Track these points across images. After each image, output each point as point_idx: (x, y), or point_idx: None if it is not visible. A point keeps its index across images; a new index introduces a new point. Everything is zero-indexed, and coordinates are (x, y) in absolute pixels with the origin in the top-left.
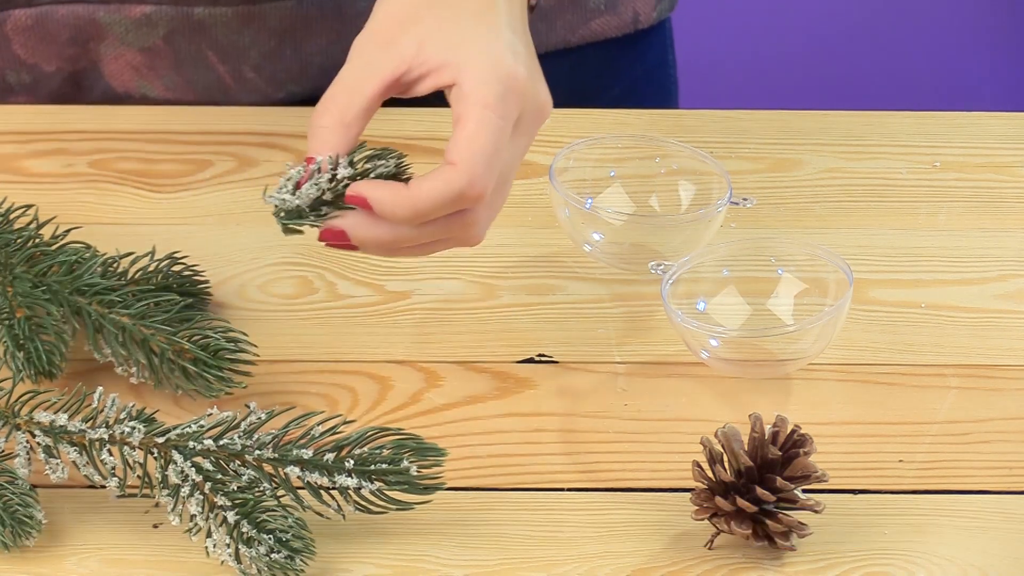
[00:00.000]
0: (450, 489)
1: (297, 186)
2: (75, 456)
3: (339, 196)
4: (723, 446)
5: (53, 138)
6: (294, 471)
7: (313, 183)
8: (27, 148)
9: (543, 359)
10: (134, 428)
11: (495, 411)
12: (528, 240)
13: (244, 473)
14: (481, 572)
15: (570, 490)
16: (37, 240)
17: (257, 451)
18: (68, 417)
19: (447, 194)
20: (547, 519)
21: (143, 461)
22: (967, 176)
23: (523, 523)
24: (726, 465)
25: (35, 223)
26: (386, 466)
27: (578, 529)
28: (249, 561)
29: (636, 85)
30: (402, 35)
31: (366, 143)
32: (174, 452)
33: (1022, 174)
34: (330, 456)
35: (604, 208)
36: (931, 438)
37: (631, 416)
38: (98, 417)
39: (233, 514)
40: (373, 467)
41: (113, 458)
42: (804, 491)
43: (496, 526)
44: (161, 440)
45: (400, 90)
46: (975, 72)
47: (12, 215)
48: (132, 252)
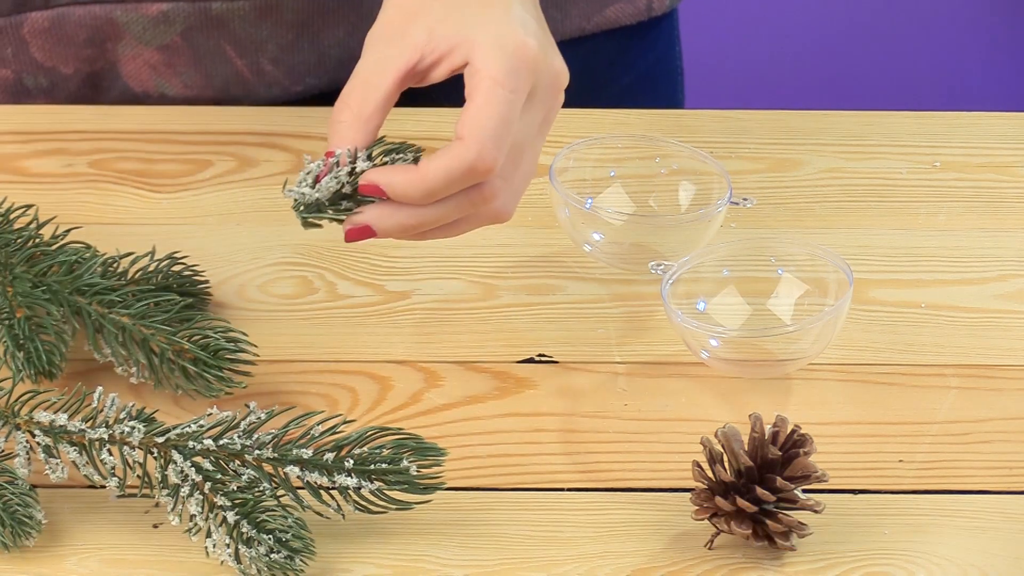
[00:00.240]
0: (450, 489)
1: (316, 180)
2: (75, 456)
3: (358, 190)
4: (723, 446)
5: (53, 138)
6: (294, 471)
7: (332, 176)
8: (27, 148)
9: (543, 359)
10: (134, 428)
11: (495, 411)
12: (528, 240)
13: (244, 473)
14: (481, 572)
15: (570, 490)
16: (37, 240)
17: (257, 451)
18: (68, 417)
19: (457, 169)
20: (547, 519)
21: (143, 461)
22: (967, 176)
23: (523, 523)
24: (726, 465)
25: (35, 223)
26: (386, 466)
27: (578, 529)
28: (249, 561)
29: (646, 75)
30: (412, 25)
31: (385, 138)
32: (174, 452)
33: (1022, 174)
34: (330, 456)
35: (604, 208)
36: (931, 438)
37: (631, 416)
38: (98, 417)
39: (233, 514)
40: (373, 467)
41: (113, 458)
42: (804, 491)
43: (496, 526)
44: (161, 440)
45: (417, 79)
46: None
47: (12, 215)
48: (132, 252)
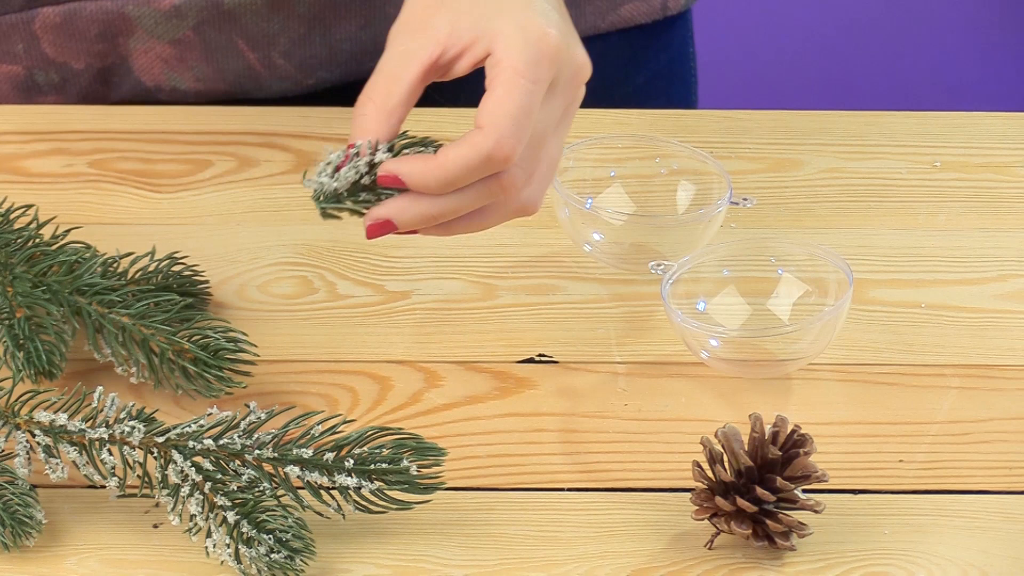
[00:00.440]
0: (450, 489)
1: (336, 170)
2: (75, 456)
3: (377, 181)
4: (723, 446)
5: (53, 138)
6: (294, 471)
7: (352, 166)
8: (27, 148)
9: (543, 359)
10: (134, 428)
11: (495, 411)
12: (528, 240)
13: (244, 473)
14: (481, 572)
15: (570, 490)
16: (37, 240)
17: (257, 451)
18: (68, 417)
19: (474, 157)
20: (547, 519)
21: (143, 461)
22: (967, 176)
23: (523, 523)
24: (726, 465)
25: (35, 223)
26: (386, 466)
27: (578, 529)
28: (249, 561)
29: (660, 75)
30: (435, 18)
31: (407, 132)
32: (174, 452)
33: (1022, 174)
34: (330, 456)
35: (604, 208)
36: (931, 438)
37: (631, 416)
38: (98, 417)
39: (233, 514)
40: (373, 467)
41: (113, 458)
42: (804, 491)
43: (496, 526)
44: (161, 440)
45: (440, 73)
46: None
47: (12, 215)
48: (132, 252)
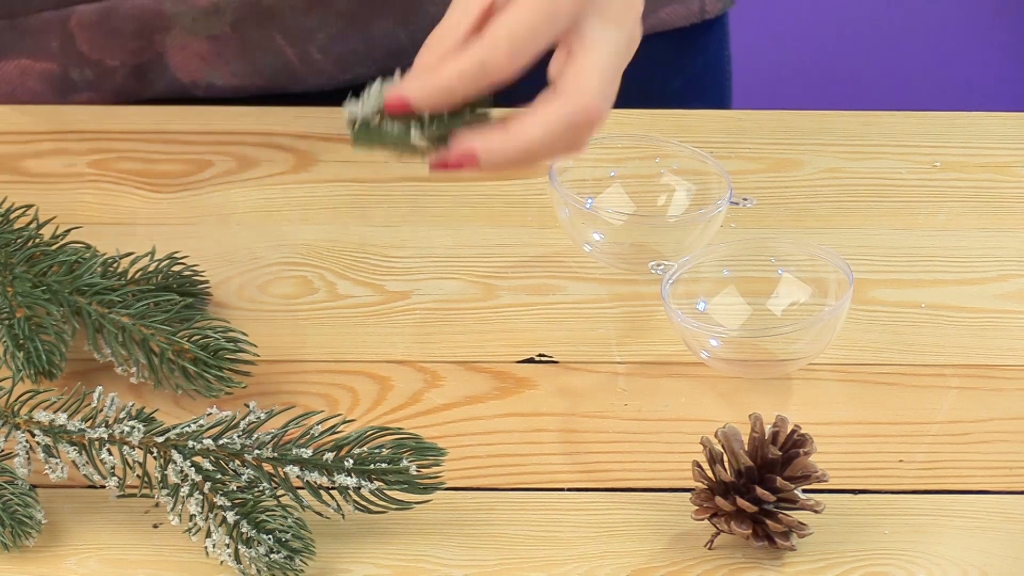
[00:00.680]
0: (450, 489)
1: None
2: (74, 456)
3: (451, 159)
4: (723, 446)
5: (53, 138)
6: (293, 471)
7: (378, 93)
8: (27, 148)
9: (543, 359)
10: (133, 428)
11: (495, 411)
12: (528, 240)
13: (244, 473)
14: (481, 572)
15: (570, 490)
16: (37, 240)
17: (256, 450)
18: (67, 417)
19: (564, 118)
20: (547, 519)
21: (142, 461)
22: (967, 176)
23: (523, 523)
24: (726, 465)
25: (35, 223)
26: (385, 465)
27: (578, 529)
28: (248, 561)
29: (697, 78)
30: None
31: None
32: (173, 452)
33: (1022, 174)
34: (329, 455)
35: (604, 208)
36: (931, 438)
37: (631, 416)
38: (97, 416)
39: (232, 514)
40: (372, 466)
41: (112, 458)
42: (804, 491)
43: (496, 526)
44: (160, 440)
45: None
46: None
47: (12, 215)
48: (132, 252)
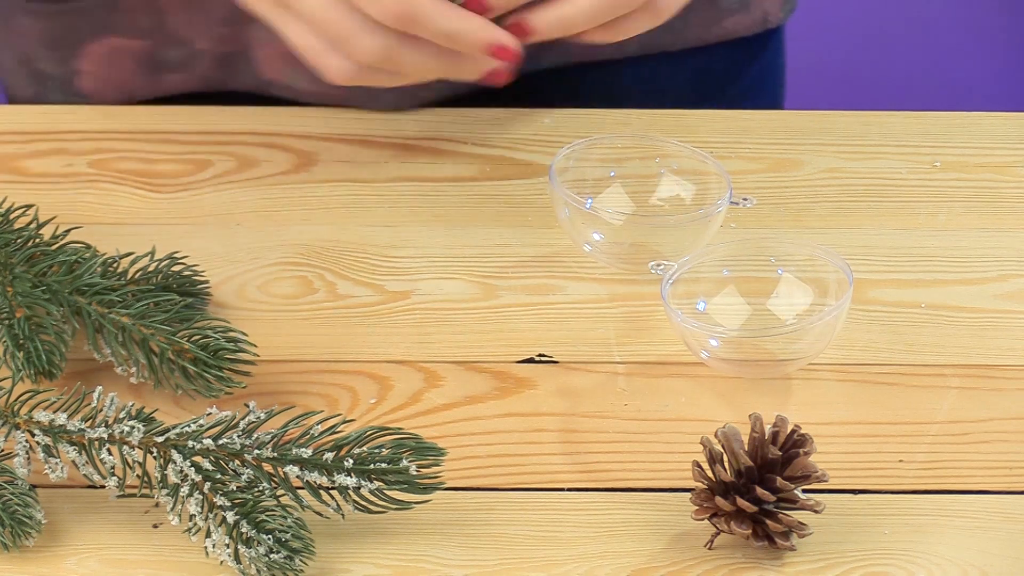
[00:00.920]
0: (450, 489)
1: None
2: (74, 455)
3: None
4: (723, 446)
5: (53, 138)
6: (293, 470)
7: None
8: (27, 148)
9: (543, 359)
10: (133, 427)
11: (495, 411)
12: (528, 240)
13: (243, 473)
14: (481, 572)
15: (570, 490)
16: (37, 240)
17: (256, 450)
18: (67, 416)
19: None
20: (547, 519)
21: (142, 460)
22: (967, 176)
23: (523, 523)
24: (726, 465)
25: (35, 223)
26: (385, 465)
27: (578, 529)
28: (248, 561)
29: (753, 85)
30: None
31: None
32: (173, 451)
33: (1022, 174)
34: (329, 455)
35: (604, 208)
36: (931, 438)
37: (631, 416)
38: (97, 416)
39: (232, 514)
40: (372, 466)
41: (112, 457)
42: (804, 491)
43: (496, 526)
44: (160, 439)
45: None
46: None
47: (12, 215)
48: (132, 252)
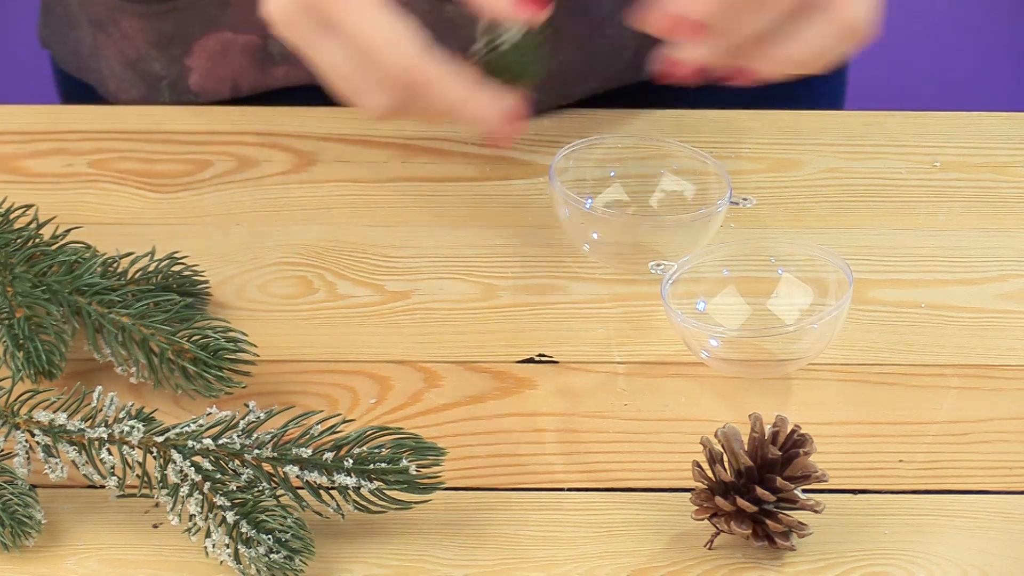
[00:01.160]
0: (450, 489)
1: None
2: (74, 455)
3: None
4: (723, 446)
5: (53, 138)
6: (293, 470)
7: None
8: (27, 148)
9: (543, 359)
10: (133, 427)
11: (495, 411)
12: (528, 240)
13: (243, 473)
14: (481, 572)
15: (570, 490)
16: (37, 240)
17: (256, 450)
18: (67, 416)
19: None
20: (547, 519)
21: (142, 460)
22: (967, 176)
23: (523, 523)
24: (726, 465)
25: (35, 223)
26: (385, 465)
27: (578, 529)
28: (248, 561)
29: (818, 84)
30: None
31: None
32: (173, 451)
33: (1022, 174)
34: (329, 455)
35: (604, 208)
36: (931, 438)
37: (631, 416)
38: (97, 416)
39: (232, 514)
40: (372, 466)
41: (112, 457)
42: (804, 491)
43: (496, 526)
44: (160, 439)
45: None
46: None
47: (12, 215)
48: (132, 252)
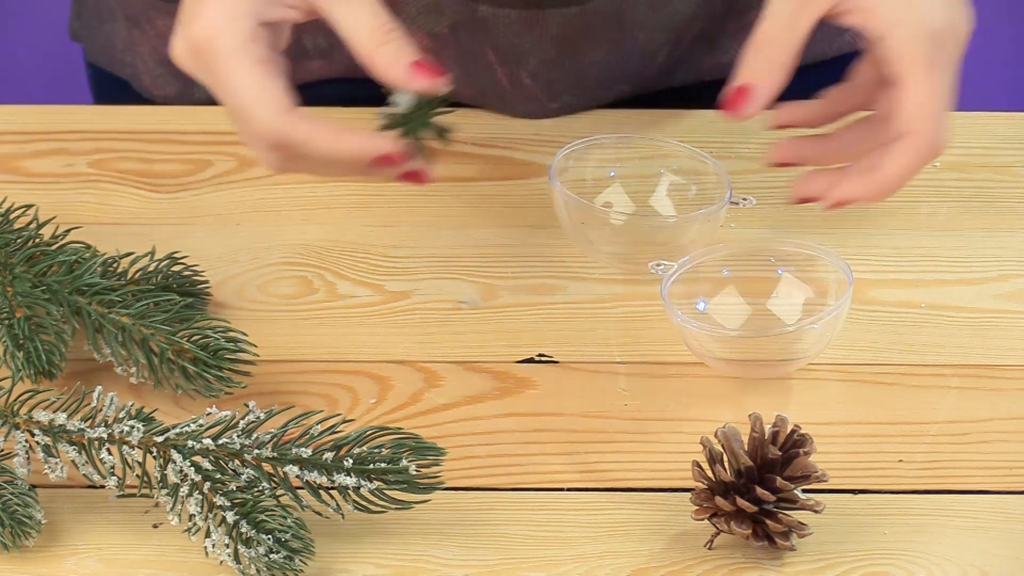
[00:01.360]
0: (450, 489)
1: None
2: (74, 455)
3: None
4: (723, 446)
5: (53, 138)
6: (293, 470)
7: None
8: (27, 148)
9: (543, 359)
10: (133, 427)
11: (495, 411)
12: (528, 240)
13: (243, 473)
14: (481, 572)
15: (570, 490)
16: (37, 240)
17: (256, 450)
18: (67, 416)
19: (916, 165)
20: (547, 519)
21: (142, 460)
22: (967, 176)
23: (523, 523)
24: (726, 465)
25: (35, 223)
26: (385, 465)
27: (578, 529)
28: (248, 561)
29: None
30: None
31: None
32: (173, 451)
33: (1022, 174)
34: (329, 455)
35: (604, 208)
36: (931, 438)
37: (631, 416)
38: (97, 416)
39: (232, 514)
40: (372, 466)
41: (112, 457)
42: (804, 491)
43: (496, 526)
44: (160, 439)
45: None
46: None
47: (12, 215)
48: (132, 252)
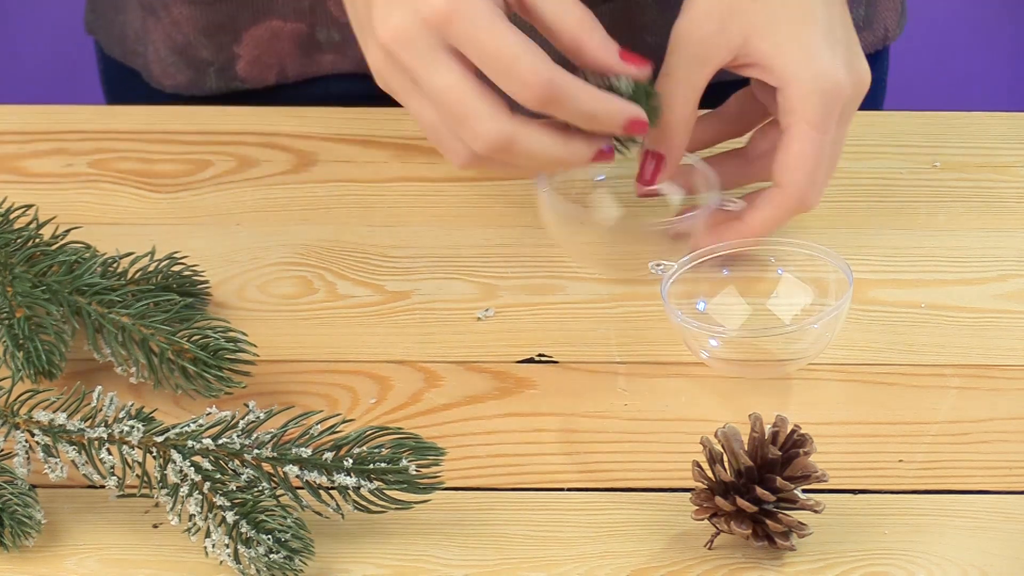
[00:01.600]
0: (450, 489)
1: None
2: (74, 455)
3: None
4: (723, 446)
5: (53, 138)
6: (293, 470)
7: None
8: (27, 148)
9: (543, 359)
10: (133, 427)
11: (495, 411)
12: (528, 240)
13: (243, 473)
14: (481, 572)
15: (570, 490)
16: (37, 240)
17: (256, 450)
18: (67, 416)
19: (782, 217)
20: (547, 519)
21: (142, 460)
22: (967, 176)
23: (523, 523)
24: (726, 465)
25: (35, 223)
26: (385, 465)
27: (578, 529)
28: (248, 561)
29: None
30: (730, 23)
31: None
32: (173, 451)
33: (1022, 174)
34: (329, 455)
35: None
36: (931, 438)
37: (631, 416)
38: (97, 416)
39: (232, 514)
40: (372, 466)
41: (112, 457)
42: (804, 491)
43: (496, 526)
44: (160, 439)
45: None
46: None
47: (12, 215)
48: (132, 252)
